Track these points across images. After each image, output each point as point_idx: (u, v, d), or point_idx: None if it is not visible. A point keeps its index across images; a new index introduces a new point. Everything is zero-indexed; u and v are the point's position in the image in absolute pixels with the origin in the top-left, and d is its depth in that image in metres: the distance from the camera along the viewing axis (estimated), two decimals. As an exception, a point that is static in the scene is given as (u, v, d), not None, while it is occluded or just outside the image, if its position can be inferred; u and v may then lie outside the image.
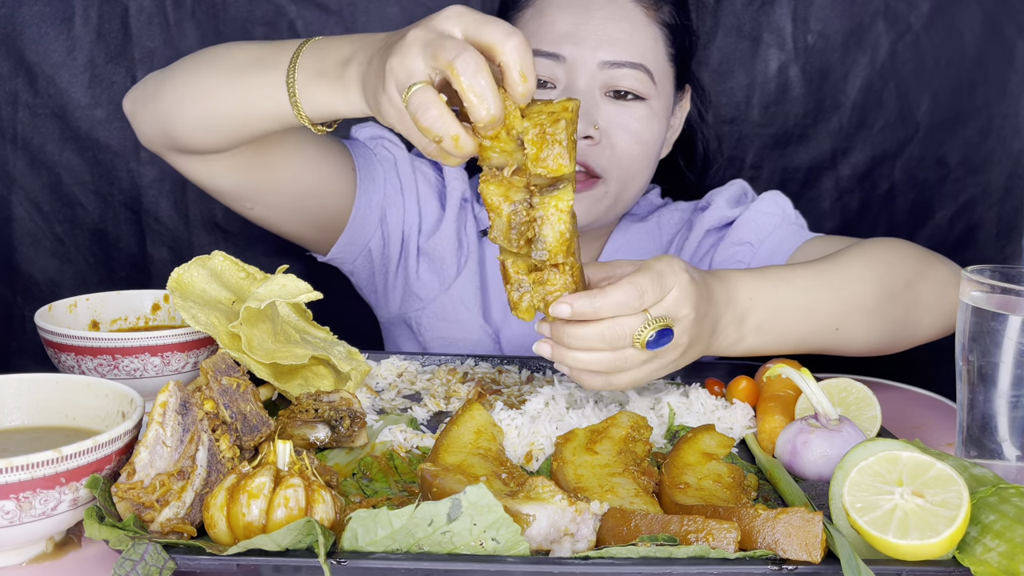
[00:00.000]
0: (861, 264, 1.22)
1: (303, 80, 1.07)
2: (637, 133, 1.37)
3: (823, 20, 1.76)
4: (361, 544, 0.77)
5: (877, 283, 1.20)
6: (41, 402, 0.93)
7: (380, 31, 1.73)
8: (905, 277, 1.23)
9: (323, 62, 1.06)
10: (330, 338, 1.20)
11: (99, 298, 1.21)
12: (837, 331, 1.18)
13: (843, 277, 1.19)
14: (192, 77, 1.21)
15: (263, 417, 0.89)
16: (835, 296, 1.17)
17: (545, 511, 0.80)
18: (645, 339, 0.98)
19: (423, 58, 0.90)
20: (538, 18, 1.37)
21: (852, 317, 1.18)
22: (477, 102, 0.87)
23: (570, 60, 1.33)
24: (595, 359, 1.00)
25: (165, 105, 1.23)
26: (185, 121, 1.22)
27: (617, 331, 0.98)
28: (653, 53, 1.37)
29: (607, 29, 1.34)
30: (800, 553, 0.78)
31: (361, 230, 1.46)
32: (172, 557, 0.76)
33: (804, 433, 1.00)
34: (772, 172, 1.82)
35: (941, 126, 1.80)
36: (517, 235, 0.94)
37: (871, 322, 1.20)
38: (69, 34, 1.67)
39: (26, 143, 1.69)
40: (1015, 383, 0.96)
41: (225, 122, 1.19)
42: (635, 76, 1.35)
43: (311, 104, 1.07)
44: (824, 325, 1.17)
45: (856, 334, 1.20)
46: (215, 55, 1.21)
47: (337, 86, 1.03)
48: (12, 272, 1.73)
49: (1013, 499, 0.83)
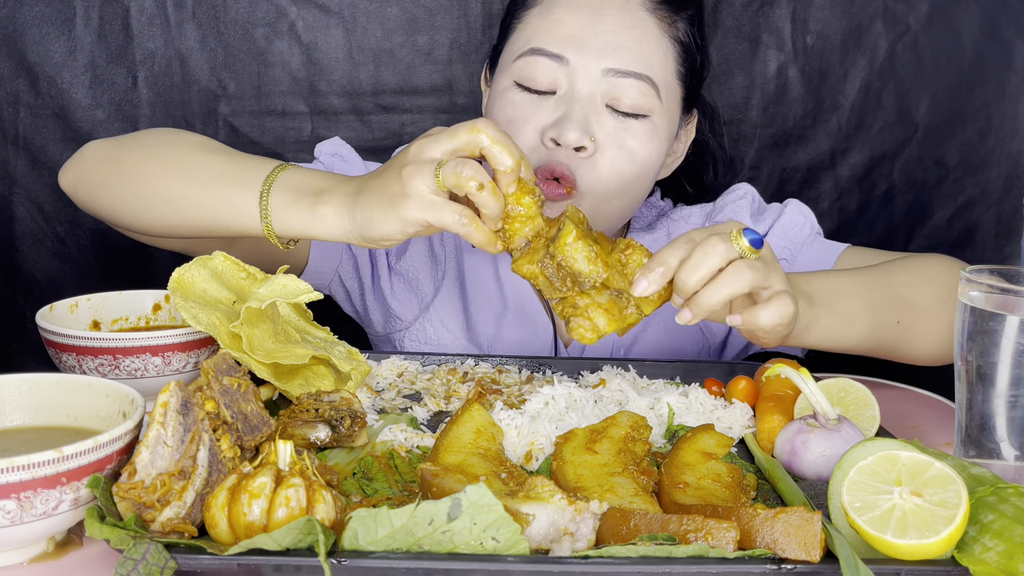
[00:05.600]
0: (908, 270, 1.26)
1: (276, 205, 1.12)
2: (634, 152, 1.30)
3: (822, 21, 1.77)
4: (361, 543, 0.77)
5: (931, 286, 1.22)
6: (42, 402, 0.93)
7: (380, 32, 1.76)
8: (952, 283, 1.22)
9: (297, 191, 1.12)
10: (330, 338, 1.20)
11: (100, 298, 1.21)
12: (898, 324, 1.20)
13: (890, 280, 1.22)
14: (155, 183, 1.21)
15: (264, 417, 0.89)
16: (888, 291, 1.20)
17: (545, 510, 0.80)
18: (740, 233, 1.02)
19: (439, 148, 1.04)
20: (545, 16, 1.31)
21: (911, 315, 1.20)
22: (503, 148, 1.04)
23: (573, 63, 1.28)
24: (722, 284, 1.01)
25: (120, 201, 1.23)
26: (145, 219, 1.23)
27: (709, 245, 1.01)
28: (661, 67, 1.31)
29: (616, 35, 1.29)
30: (799, 552, 0.78)
31: (325, 259, 1.44)
32: (173, 556, 0.76)
33: (803, 433, 1.00)
34: (771, 172, 1.83)
35: (940, 127, 1.81)
36: (561, 283, 1.05)
37: (931, 323, 1.21)
38: (70, 35, 1.67)
39: (27, 144, 1.70)
40: (1013, 383, 0.97)
41: (189, 227, 1.21)
42: (639, 88, 1.28)
43: (285, 228, 1.13)
44: (885, 317, 1.19)
45: (917, 332, 1.22)
46: (180, 158, 1.22)
47: (313, 216, 1.10)
48: (13, 272, 1.74)
49: (1012, 499, 0.84)
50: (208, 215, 1.17)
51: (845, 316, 1.17)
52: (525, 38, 1.32)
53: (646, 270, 1.03)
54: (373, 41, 1.75)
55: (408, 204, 1.03)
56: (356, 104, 1.76)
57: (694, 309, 1.03)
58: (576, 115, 1.27)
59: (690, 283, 1.02)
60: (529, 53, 1.30)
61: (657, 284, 1.02)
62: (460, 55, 1.76)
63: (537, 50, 1.30)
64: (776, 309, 1.04)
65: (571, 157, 1.28)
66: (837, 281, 1.20)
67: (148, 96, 1.71)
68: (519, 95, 1.31)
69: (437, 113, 1.78)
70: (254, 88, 1.74)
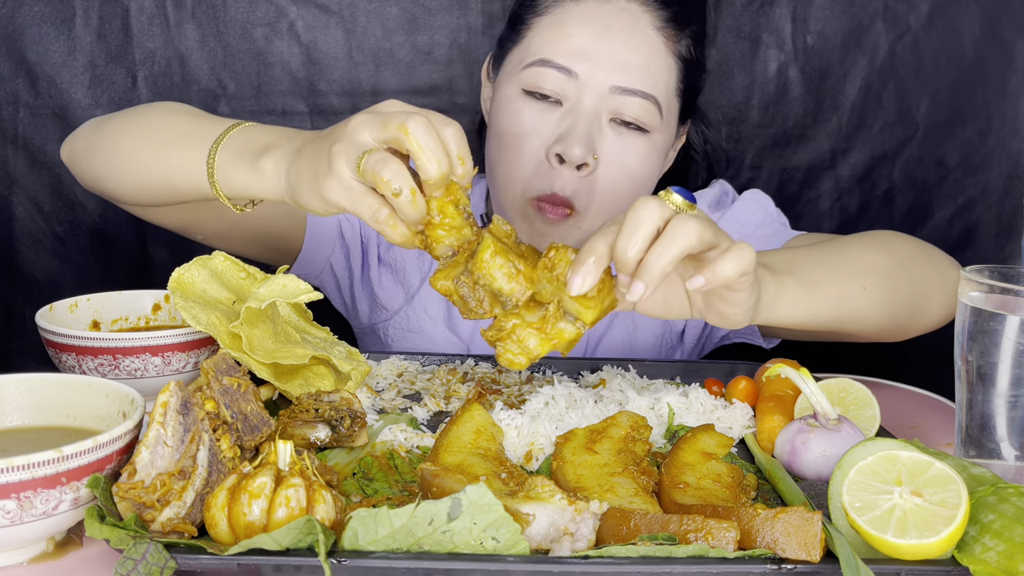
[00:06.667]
0: (860, 242, 1.21)
1: (222, 162, 1.09)
2: (632, 168, 1.32)
3: (822, 21, 1.77)
4: (361, 543, 0.77)
5: (885, 253, 1.19)
6: (42, 402, 0.93)
7: (380, 31, 1.75)
8: (907, 253, 1.22)
9: (243, 146, 1.09)
10: (330, 338, 1.20)
11: (100, 298, 1.21)
12: (865, 290, 1.14)
13: (847, 249, 1.18)
14: (121, 144, 1.22)
15: (264, 417, 0.89)
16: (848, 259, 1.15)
17: (545, 510, 0.80)
18: (669, 191, 0.92)
19: (370, 132, 0.95)
20: (555, 27, 1.32)
21: (875, 279, 1.15)
22: (429, 156, 0.92)
23: (582, 78, 1.29)
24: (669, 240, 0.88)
25: (96, 165, 1.25)
26: (116, 182, 1.24)
27: (638, 208, 0.89)
28: (665, 85, 1.33)
29: (625, 53, 1.29)
30: (799, 552, 0.78)
31: (319, 248, 1.44)
32: (173, 556, 0.76)
33: (803, 433, 1.00)
34: (771, 172, 1.83)
35: (940, 126, 1.81)
36: (478, 303, 0.94)
37: (892, 287, 1.17)
38: (70, 35, 1.67)
39: (27, 143, 1.70)
40: (1014, 383, 0.97)
41: (152, 189, 1.20)
42: (644, 107, 1.30)
43: (228, 185, 1.09)
44: (851, 283, 1.13)
45: (886, 299, 1.17)
46: (148, 121, 1.22)
47: (253, 171, 1.06)
48: (13, 272, 1.74)
49: (1012, 499, 0.84)
50: (163, 175, 1.16)
51: (812, 284, 1.08)
52: (535, 48, 1.33)
53: (577, 264, 0.90)
54: (373, 41, 1.75)
55: (329, 183, 0.96)
56: (356, 104, 1.76)
57: (645, 277, 0.89)
58: (581, 131, 1.29)
59: (631, 253, 0.89)
60: (538, 64, 1.31)
61: (593, 276, 0.90)
62: (460, 55, 1.76)
63: (546, 62, 1.31)
64: (736, 256, 0.90)
65: (571, 178, 1.30)
66: (795, 254, 1.14)
67: (148, 96, 1.71)
68: (525, 104, 1.32)
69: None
70: (254, 88, 1.74)
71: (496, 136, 1.37)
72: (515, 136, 1.32)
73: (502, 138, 1.35)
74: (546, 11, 1.34)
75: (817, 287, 1.09)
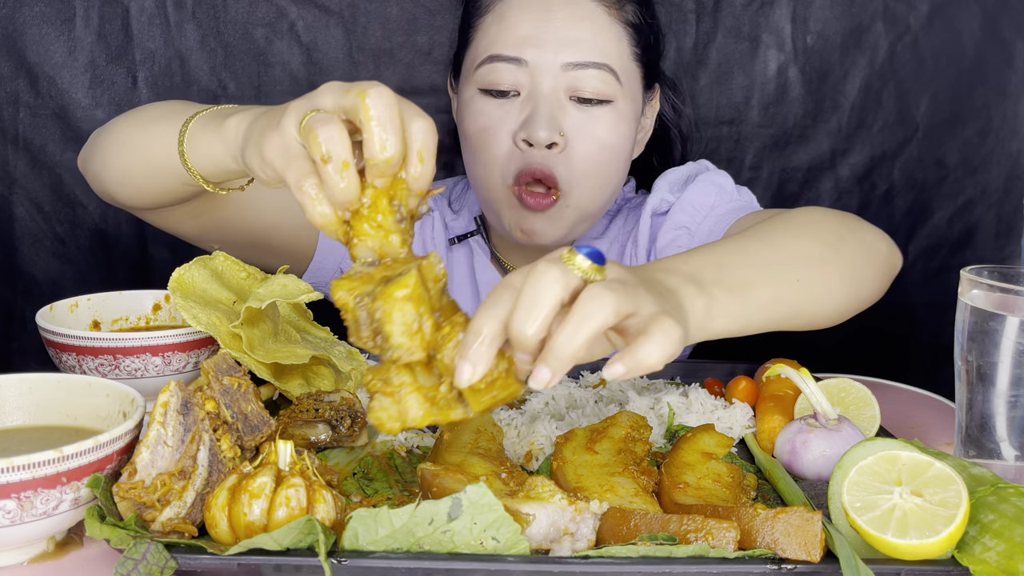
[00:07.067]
0: (787, 227, 1.13)
1: (193, 129, 1.06)
2: (602, 139, 1.34)
3: (822, 21, 1.77)
4: (362, 543, 0.77)
5: (812, 238, 1.11)
6: (42, 402, 0.93)
7: (380, 31, 1.75)
8: (835, 231, 1.15)
9: (217, 115, 1.05)
10: (330, 338, 1.20)
11: (100, 298, 1.21)
12: (799, 283, 1.04)
13: (775, 238, 1.10)
14: (113, 134, 1.22)
15: (264, 417, 0.89)
16: (776, 250, 1.06)
17: (545, 510, 0.80)
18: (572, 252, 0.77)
19: (332, 96, 0.85)
20: (498, 23, 1.35)
21: (806, 268, 1.06)
22: (380, 133, 0.81)
23: (532, 63, 1.32)
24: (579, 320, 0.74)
25: (94, 163, 1.25)
26: (109, 176, 1.22)
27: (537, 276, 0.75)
28: (617, 53, 1.35)
29: (569, 30, 1.32)
30: (799, 552, 0.78)
31: (330, 253, 1.45)
32: (173, 556, 0.76)
33: (803, 433, 1.00)
34: (771, 173, 1.83)
35: (940, 127, 1.81)
36: (371, 335, 0.79)
37: (828, 273, 1.09)
38: (70, 35, 1.67)
39: (27, 144, 1.70)
40: (1013, 383, 0.97)
41: (134, 172, 1.18)
42: (599, 77, 1.32)
43: (195, 152, 1.05)
44: (783, 277, 1.03)
45: (821, 288, 1.08)
46: (140, 111, 1.22)
47: (218, 131, 1.01)
48: (13, 272, 1.74)
49: (1012, 499, 0.84)
50: (141, 151, 1.15)
51: (742, 288, 0.96)
52: (483, 46, 1.36)
53: (463, 349, 0.75)
54: (373, 41, 1.75)
55: (270, 138, 0.87)
56: (356, 104, 1.76)
57: (552, 363, 0.74)
58: (543, 113, 1.31)
59: (530, 332, 0.74)
60: (488, 61, 1.34)
61: (484, 363, 0.75)
62: (460, 55, 1.76)
63: (495, 56, 1.34)
64: (661, 338, 0.75)
65: (545, 157, 1.32)
66: (721, 252, 1.02)
67: (148, 96, 1.71)
68: (485, 102, 1.35)
69: (437, 113, 1.78)
70: (254, 88, 1.74)
71: (465, 139, 1.40)
72: (481, 132, 1.35)
73: (470, 138, 1.38)
74: (488, 10, 1.38)
75: (748, 291, 0.97)
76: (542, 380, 0.75)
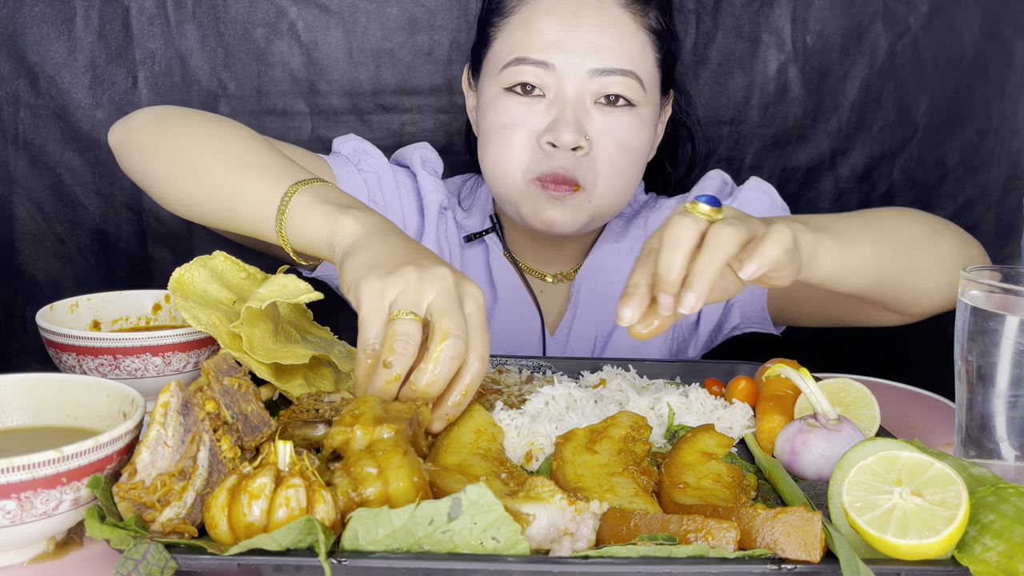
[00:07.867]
0: (887, 210, 1.26)
1: (301, 202, 1.08)
2: (626, 143, 1.37)
3: (822, 21, 1.77)
4: (362, 543, 0.77)
5: (913, 221, 1.22)
6: (42, 402, 0.93)
7: (380, 32, 1.75)
8: (931, 224, 1.25)
9: (328, 197, 1.08)
10: (330, 338, 1.20)
11: (100, 298, 1.21)
12: (897, 252, 1.16)
13: (876, 214, 1.21)
14: (192, 154, 1.20)
15: (264, 417, 0.89)
16: (875, 225, 1.17)
17: (545, 510, 0.80)
18: (694, 203, 0.95)
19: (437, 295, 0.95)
20: (526, 25, 1.37)
21: (904, 245, 1.18)
22: (433, 371, 0.93)
23: (560, 68, 1.33)
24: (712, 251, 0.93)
25: (154, 167, 1.24)
26: (174, 187, 1.23)
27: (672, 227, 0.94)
28: (642, 59, 1.37)
29: (596, 37, 1.34)
30: (799, 552, 0.78)
31: None
32: (174, 556, 0.76)
33: (803, 433, 1.00)
34: (771, 173, 1.83)
35: (940, 127, 1.81)
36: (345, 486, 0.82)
37: (919, 254, 1.20)
38: (70, 35, 1.67)
39: (27, 144, 1.69)
40: (1013, 383, 0.97)
41: (210, 208, 1.19)
42: (625, 83, 1.35)
43: (296, 227, 1.08)
44: (881, 245, 1.15)
45: (909, 263, 1.19)
46: (223, 137, 1.21)
47: (331, 219, 1.05)
48: (13, 272, 1.74)
49: (1012, 499, 0.84)
50: (230, 198, 1.15)
51: (845, 239, 1.10)
52: (508, 48, 1.37)
53: (626, 296, 0.94)
54: (373, 41, 1.75)
55: (372, 284, 0.96)
56: (356, 104, 1.76)
57: (696, 288, 0.92)
58: (568, 117, 1.33)
59: (674, 275, 0.93)
60: (515, 63, 1.36)
61: (640, 305, 0.94)
62: (460, 55, 1.75)
63: (522, 59, 1.35)
64: (776, 237, 0.96)
65: (569, 158, 1.34)
66: (827, 217, 1.16)
67: (148, 96, 1.71)
68: (510, 100, 1.36)
69: (437, 113, 1.78)
70: (254, 88, 1.74)
71: (485, 134, 1.41)
72: (503, 128, 1.37)
73: (491, 133, 1.39)
74: (512, 11, 1.39)
75: (853, 243, 1.11)
76: (688, 304, 0.93)
